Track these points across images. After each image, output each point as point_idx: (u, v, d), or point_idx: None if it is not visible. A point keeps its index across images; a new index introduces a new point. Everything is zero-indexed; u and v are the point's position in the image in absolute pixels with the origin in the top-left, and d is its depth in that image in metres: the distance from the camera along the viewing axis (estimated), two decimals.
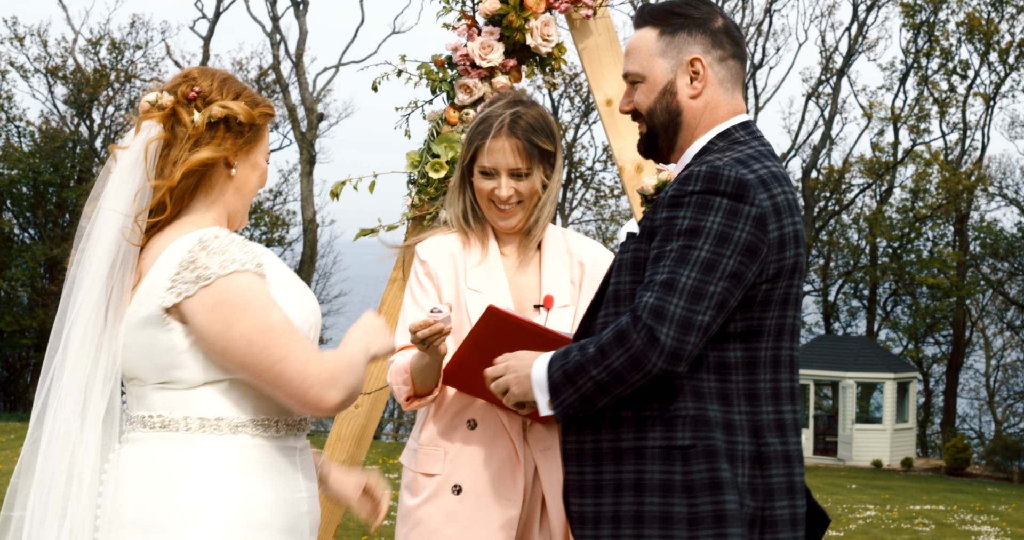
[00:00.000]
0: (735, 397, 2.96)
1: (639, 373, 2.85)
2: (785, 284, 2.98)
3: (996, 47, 38.00)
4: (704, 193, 2.89)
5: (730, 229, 2.87)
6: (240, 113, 2.96)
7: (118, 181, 2.93)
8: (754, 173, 2.94)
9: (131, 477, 2.87)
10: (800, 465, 3.04)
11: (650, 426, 2.94)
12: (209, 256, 2.82)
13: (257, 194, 2.95)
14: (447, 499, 3.61)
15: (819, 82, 39.71)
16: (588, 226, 39.27)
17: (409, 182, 4.49)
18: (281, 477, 2.93)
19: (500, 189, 3.67)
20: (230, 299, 2.81)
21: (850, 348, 34.14)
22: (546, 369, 2.98)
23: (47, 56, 36.69)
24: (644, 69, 3.11)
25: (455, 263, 3.71)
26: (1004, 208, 40.30)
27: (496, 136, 3.64)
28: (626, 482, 2.95)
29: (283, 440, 2.96)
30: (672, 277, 2.84)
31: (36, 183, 35.03)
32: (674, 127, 3.10)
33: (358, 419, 4.64)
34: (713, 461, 2.90)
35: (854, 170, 40.17)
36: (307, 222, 36.71)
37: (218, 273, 2.81)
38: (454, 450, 3.63)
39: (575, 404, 2.93)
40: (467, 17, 4.50)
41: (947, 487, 26.09)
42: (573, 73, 35.20)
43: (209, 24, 37.61)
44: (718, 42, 3.10)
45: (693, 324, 2.83)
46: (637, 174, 4.55)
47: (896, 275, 39.77)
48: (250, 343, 2.81)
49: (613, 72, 4.59)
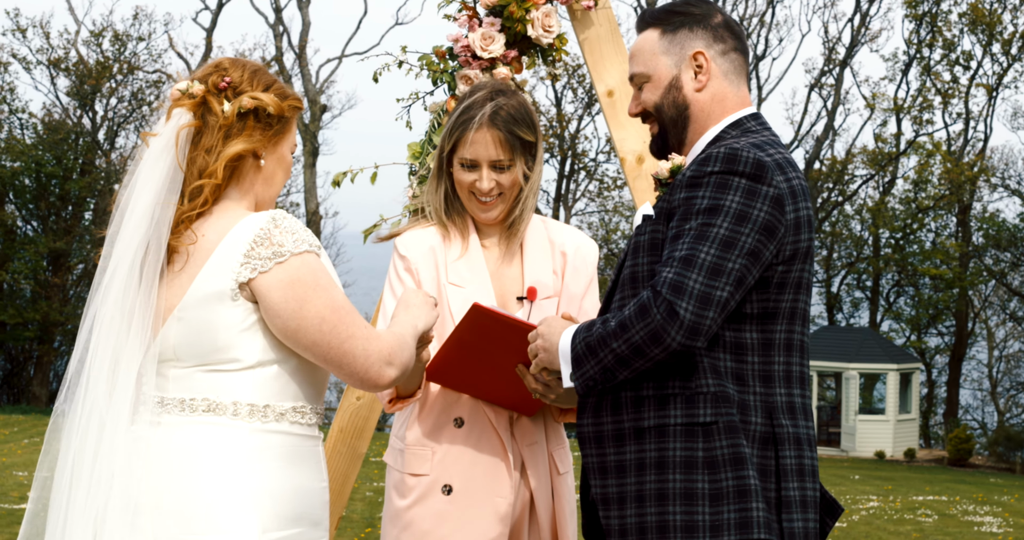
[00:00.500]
0: (750, 378, 3.01)
1: (659, 347, 2.88)
2: (799, 267, 3.03)
3: (999, 37, 37.94)
4: (723, 173, 2.94)
5: (749, 208, 2.92)
6: (270, 105, 3.01)
7: (148, 167, 2.96)
8: (770, 157, 3.00)
9: (169, 463, 2.87)
10: (811, 449, 3.07)
11: (672, 404, 2.97)
12: (283, 234, 2.89)
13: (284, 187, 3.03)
14: (437, 499, 3.56)
15: (822, 73, 39.70)
16: (591, 217, 39.30)
17: (410, 173, 4.47)
18: (313, 466, 3.00)
19: (481, 181, 3.61)
20: (304, 277, 2.89)
21: (853, 339, 34.12)
22: (571, 341, 3.04)
23: (49, 48, 36.69)
24: (648, 68, 3.18)
25: (435, 257, 3.66)
26: (1007, 199, 40.37)
27: (478, 128, 3.58)
28: (649, 460, 2.98)
29: (312, 428, 3.02)
30: (691, 253, 2.88)
31: (39, 175, 35.01)
32: (683, 121, 3.16)
33: (360, 411, 4.62)
34: (735, 437, 2.95)
35: (857, 161, 40.19)
36: (311, 213, 36.74)
37: (292, 251, 2.89)
38: (442, 450, 3.58)
39: (596, 376, 2.98)
40: (468, 8, 4.48)
41: (950, 478, 26.12)
42: (576, 64, 35.15)
43: (212, 15, 37.67)
44: (719, 36, 3.16)
45: (712, 299, 2.87)
46: (638, 165, 4.54)
47: (899, 266, 39.76)
48: (322, 321, 2.90)
49: (614, 63, 4.59)
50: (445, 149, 3.66)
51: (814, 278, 39.69)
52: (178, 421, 2.91)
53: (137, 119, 37.08)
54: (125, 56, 37.00)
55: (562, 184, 38.15)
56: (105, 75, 36.19)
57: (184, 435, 2.89)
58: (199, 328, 2.91)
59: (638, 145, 4.53)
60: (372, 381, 2.96)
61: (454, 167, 3.65)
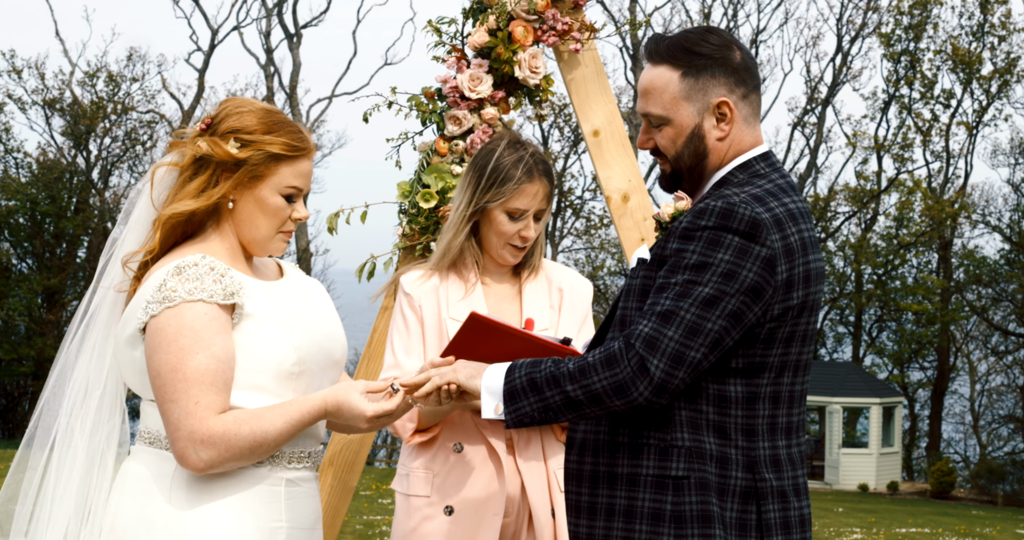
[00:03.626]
0: (732, 431, 2.92)
1: (621, 399, 2.84)
2: (792, 322, 2.93)
3: (978, 75, 38.15)
4: (717, 229, 2.85)
5: (738, 268, 2.83)
6: (219, 154, 2.94)
7: (138, 204, 3.02)
8: (770, 212, 2.89)
9: (124, 490, 2.92)
10: (799, 499, 3.01)
11: (646, 454, 2.92)
12: (181, 282, 2.84)
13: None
14: (441, 520, 3.70)
15: (804, 112, 39.76)
16: (578, 254, 39.31)
17: (400, 212, 4.50)
18: (259, 505, 2.90)
19: (528, 230, 3.74)
20: (166, 328, 2.82)
21: (836, 373, 34.14)
22: (504, 374, 2.96)
23: (45, 88, 36.76)
24: (668, 113, 3.01)
25: (437, 295, 3.77)
26: (987, 235, 40.33)
27: (531, 180, 3.70)
28: (619, 508, 2.94)
29: (268, 468, 2.93)
30: (672, 309, 2.82)
31: (33, 213, 35.02)
32: (700, 169, 3.04)
33: (351, 445, 4.59)
34: (705, 494, 2.88)
35: (839, 198, 40.21)
36: (301, 251, 36.79)
37: (184, 298, 2.82)
38: (443, 473, 3.72)
39: (534, 414, 2.91)
40: (456, 50, 4.50)
41: (933, 510, 26.11)
42: (563, 103, 35.38)
43: (204, 56, 37.72)
44: (740, 79, 3.02)
45: (684, 359, 2.81)
46: (624, 204, 4.55)
47: (881, 301, 39.79)
48: (157, 375, 2.83)
49: (600, 103, 4.60)
50: (482, 200, 3.73)
51: None
52: (136, 450, 2.97)
53: (131, 158, 37.13)
54: (119, 97, 37.02)
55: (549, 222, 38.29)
56: (99, 115, 36.26)
57: (135, 465, 2.94)
58: (129, 368, 2.94)
59: (623, 183, 4.55)
60: (178, 454, 2.81)
61: (494, 217, 3.74)
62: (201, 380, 2.80)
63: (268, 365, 2.92)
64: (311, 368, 2.98)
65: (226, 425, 2.80)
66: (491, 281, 3.86)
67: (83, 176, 36.38)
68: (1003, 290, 38.69)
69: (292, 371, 2.94)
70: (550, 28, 4.49)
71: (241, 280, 2.92)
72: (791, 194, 2.99)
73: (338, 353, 3.09)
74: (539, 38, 4.48)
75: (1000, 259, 38.88)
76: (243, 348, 2.90)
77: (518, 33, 4.43)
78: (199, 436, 2.79)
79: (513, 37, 4.43)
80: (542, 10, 4.45)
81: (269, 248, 3.05)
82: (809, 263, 2.94)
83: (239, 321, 2.90)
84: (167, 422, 2.82)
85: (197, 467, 2.81)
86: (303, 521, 2.99)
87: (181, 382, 2.79)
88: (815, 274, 2.96)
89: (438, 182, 4.41)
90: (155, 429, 2.92)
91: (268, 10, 37.59)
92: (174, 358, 2.80)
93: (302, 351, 2.95)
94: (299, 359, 2.94)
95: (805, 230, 2.95)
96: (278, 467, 2.94)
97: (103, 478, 2.95)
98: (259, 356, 2.91)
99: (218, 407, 2.82)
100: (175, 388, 2.80)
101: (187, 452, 2.80)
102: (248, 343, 2.90)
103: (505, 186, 3.70)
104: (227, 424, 2.80)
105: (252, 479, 2.90)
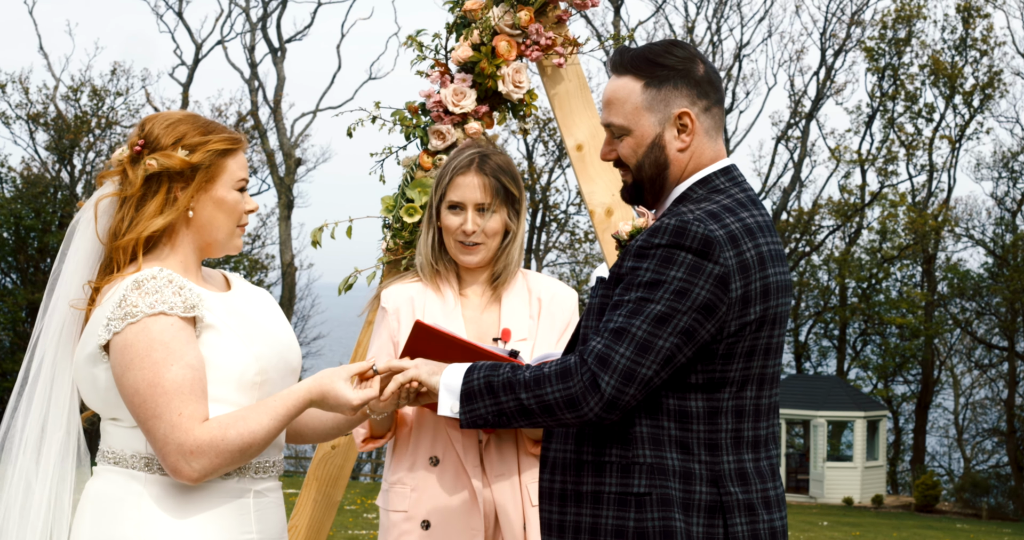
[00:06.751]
0: (695, 446, 2.94)
1: (572, 413, 2.87)
2: (751, 337, 2.94)
3: (960, 90, 38.34)
4: (670, 247, 2.87)
5: (690, 285, 2.84)
6: (175, 164, 2.97)
7: (76, 239, 3.02)
8: (725, 228, 2.90)
9: (89, 510, 2.92)
10: (769, 511, 3.01)
11: (608, 472, 2.95)
12: (141, 296, 2.84)
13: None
14: (417, 534, 3.74)
15: (788, 126, 39.82)
16: (562, 269, 39.33)
17: (384, 226, 4.52)
18: (229, 518, 2.92)
19: (467, 223, 3.77)
20: (136, 344, 2.82)
21: (821, 387, 34.27)
22: (463, 374, 2.99)
23: (28, 103, 36.64)
24: (630, 123, 3.04)
25: (413, 306, 3.82)
26: (971, 249, 40.57)
27: (464, 172, 3.78)
28: (584, 525, 2.97)
29: (235, 481, 2.95)
30: (624, 327, 2.85)
31: (18, 228, 34.95)
32: (661, 180, 3.05)
33: (335, 460, 4.59)
34: (667, 510, 2.90)
35: (823, 212, 40.27)
36: (286, 265, 36.81)
37: (145, 312, 2.83)
38: (420, 487, 3.76)
39: (488, 417, 2.95)
40: (440, 64, 4.52)
41: (917, 523, 26.25)
42: (547, 118, 35.50)
43: (188, 71, 37.72)
44: (703, 91, 3.04)
45: (635, 376, 2.84)
46: (607, 218, 4.57)
47: (865, 315, 39.90)
48: (135, 392, 2.82)
49: (583, 117, 4.61)
50: (434, 199, 3.83)
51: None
52: (99, 470, 2.96)
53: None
54: (103, 111, 36.91)
55: (534, 236, 38.44)
56: (83, 130, 36.12)
57: (100, 484, 2.94)
58: (89, 387, 2.94)
59: (607, 198, 4.57)
60: (171, 467, 2.83)
61: (442, 214, 3.82)
62: (180, 391, 2.82)
63: (231, 376, 2.94)
64: (272, 377, 3.02)
65: (212, 432, 2.82)
66: (470, 292, 3.90)
67: (67, 191, 36.34)
68: (987, 303, 38.84)
69: (255, 381, 2.97)
70: (533, 43, 4.50)
71: (199, 292, 2.94)
72: (750, 208, 3.01)
73: (295, 361, 3.14)
74: (523, 53, 4.51)
75: (983, 272, 39.02)
76: (206, 360, 2.91)
77: (502, 48, 4.46)
78: (188, 447, 2.81)
79: (497, 52, 4.45)
80: (525, 25, 4.46)
81: (230, 246, 3.10)
82: (768, 277, 2.95)
83: (200, 333, 2.92)
84: (153, 438, 2.83)
85: (191, 477, 2.83)
86: (272, 531, 3.02)
87: (161, 396, 2.80)
88: (776, 287, 2.97)
89: (422, 196, 4.42)
90: (119, 448, 2.94)
91: (252, 24, 37.61)
92: (150, 373, 2.81)
93: (263, 360, 2.99)
94: (261, 368, 2.98)
95: (764, 244, 2.96)
96: (245, 478, 2.97)
97: (64, 501, 2.95)
98: (222, 368, 2.93)
99: (201, 416, 2.84)
100: (156, 403, 2.81)
101: (179, 465, 2.81)
102: (210, 355, 2.92)
103: (443, 179, 3.82)
104: (213, 431, 2.83)
105: (221, 492, 2.93)
